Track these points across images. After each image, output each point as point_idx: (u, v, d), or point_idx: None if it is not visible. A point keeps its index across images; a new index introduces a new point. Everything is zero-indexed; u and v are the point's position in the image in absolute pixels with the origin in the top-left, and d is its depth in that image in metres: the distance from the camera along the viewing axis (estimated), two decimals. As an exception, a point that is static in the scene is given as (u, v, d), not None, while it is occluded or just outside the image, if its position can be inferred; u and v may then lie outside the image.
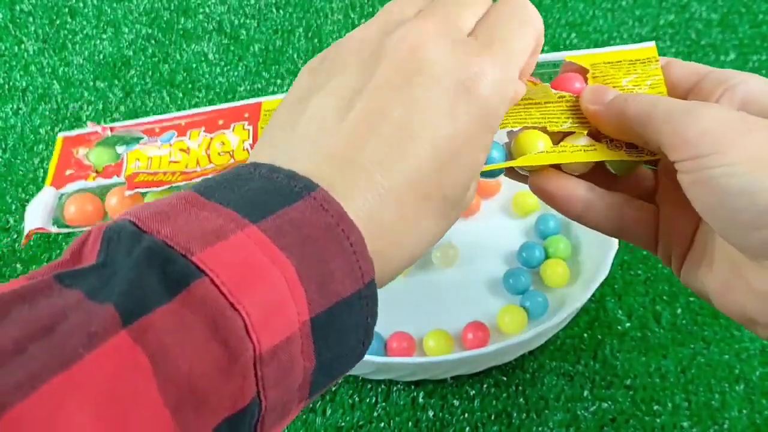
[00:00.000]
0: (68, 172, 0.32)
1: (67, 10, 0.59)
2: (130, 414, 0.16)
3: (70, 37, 0.57)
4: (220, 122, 0.32)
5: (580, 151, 0.28)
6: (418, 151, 0.22)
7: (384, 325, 0.40)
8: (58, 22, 0.58)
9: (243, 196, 0.20)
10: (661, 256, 0.29)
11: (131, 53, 0.56)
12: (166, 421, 0.16)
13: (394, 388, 0.39)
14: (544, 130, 0.28)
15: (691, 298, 0.42)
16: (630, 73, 0.29)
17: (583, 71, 0.29)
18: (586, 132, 0.28)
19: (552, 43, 0.56)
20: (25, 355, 0.16)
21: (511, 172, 0.30)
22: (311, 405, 0.38)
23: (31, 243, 0.45)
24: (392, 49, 0.23)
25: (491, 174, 0.30)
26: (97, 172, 0.32)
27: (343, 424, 0.38)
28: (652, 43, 0.29)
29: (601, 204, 0.28)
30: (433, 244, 0.24)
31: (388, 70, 0.22)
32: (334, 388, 0.39)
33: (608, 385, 0.39)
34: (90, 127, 0.32)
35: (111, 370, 0.16)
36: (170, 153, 0.32)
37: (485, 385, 0.39)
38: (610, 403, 0.38)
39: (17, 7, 0.59)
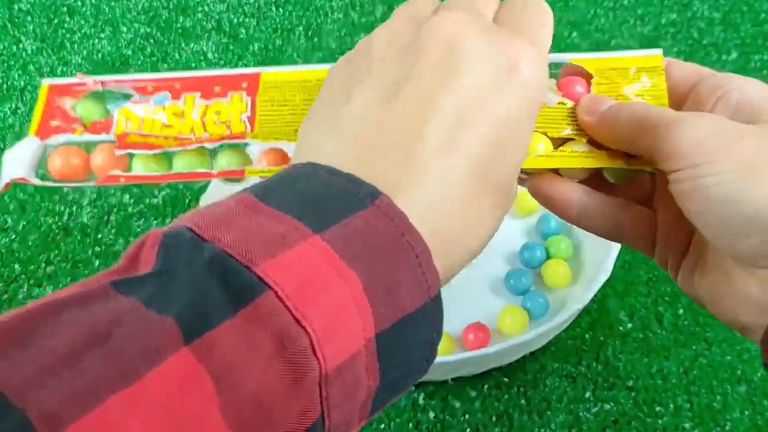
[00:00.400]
0: (53, 123, 0.30)
1: (65, 9, 0.58)
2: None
3: (68, 36, 0.57)
4: (217, 89, 0.31)
5: (579, 157, 0.28)
6: (475, 136, 0.21)
7: (384, 326, 0.40)
8: (56, 21, 0.58)
9: (304, 201, 0.19)
10: (658, 260, 0.29)
11: (130, 52, 0.56)
12: None
13: (395, 390, 0.39)
14: (544, 135, 0.28)
15: (693, 299, 0.42)
16: (634, 81, 0.29)
17: (587, 76, 0.29)
18: (586, 140, 0.28)
19: (553, 42, 0.56)
20: (81, 365, 0.15)
21: None
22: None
23: (29, 243, 0.45)
24: (428, 39, 0.22)
25: None
26: (84, 126, 0.30)
27: (343, 425, 0.38)
28: (659, 51, 0.29)
29: (598, 208, 0.28)
30: (491, 237, 0.23)
31: (429, 59, 0.22)
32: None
33: (610, 387, 0.39)
34: (79, 78, 0.30)
35: (173, 389, 0.15)
36: (164, 117, 0.30)
37: (486, 387, 0.39)
38: (612, 404, 0.38)
39: (15, 6, 0.59)
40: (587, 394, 0.38)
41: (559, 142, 0.28)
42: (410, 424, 0.38)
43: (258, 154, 0.30)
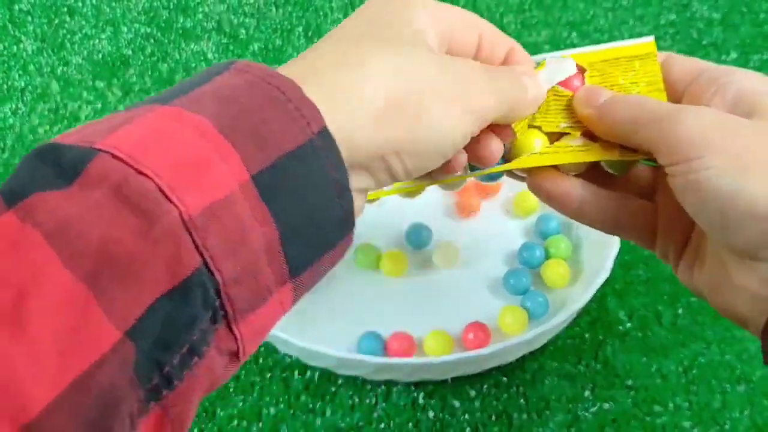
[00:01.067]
0: None
1: (65, 9, 0.59)
2: (28, 290, 0.15)
3: (68, 36, 0.57)
4: None
5: (574, 151, 0.28)
6: (419, 134, 0.22)
7: (384, 325, 0.40)
8: (56, 21, 0.58)
9: (168, 90, 0.19)
10: (658, 253, 0.29)
11: (130, 52, 0.56)
12: (79, 293, 0.15)
13: (394, 389, 0.39)
14: (539, 130, 0.29)
15: (692, 299, 0.42)
16: (628, 70, 0.29)
17: (581, 69, 0.29)
18: (580, 133, 0.28)
19: (553, 42, 0.56)
20: None
21: (511, 173, 0.30)
22: (311, 405, 0.38)
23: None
24: None
25: (491, 177, 0.30)
26: None
27: (343, 424, 0.38)
28: (651, 38, 0.29)
29: (597, 202, 0.28)
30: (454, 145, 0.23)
31: None
32: (334, 389, 0.39)
33: (609, 386, 0.39)
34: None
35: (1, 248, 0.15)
36: None
37: (486, 386, 0.39)
38: (611, 403, 0.38)
39: (16, 7, 0.59)
40: (586, 394, 0.38)
41: (555, 137, 0.29)
42: (410, 424, 0.38)
43: None
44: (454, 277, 0.43)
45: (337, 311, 0.41)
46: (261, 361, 0.40)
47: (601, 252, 0.40)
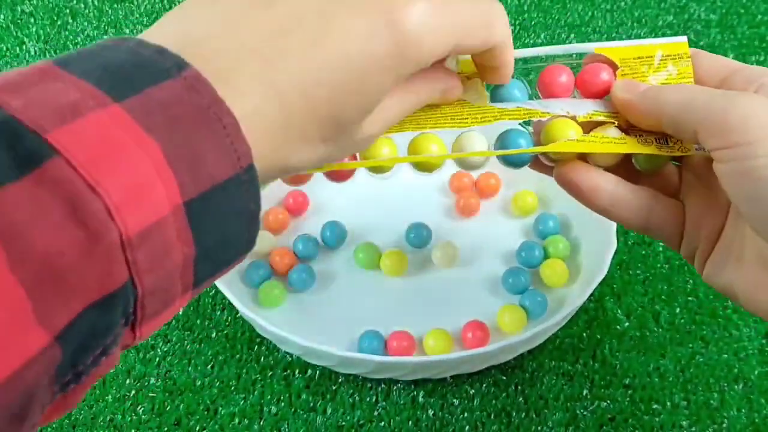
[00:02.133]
0: None
1: (68, 11, 0.59)
2: None
3: (71, 38, 0.57)
4: None
5: (610, 142, 0.27)
6: (319, 58, 0.21)
7: (384, 325, 0.40)
8: (59, 23, 0.58)
9: (105, 70, 0.18)
10: (683, 253, 0.28)
11: (132, 54, 0.56)
12: (20, 298, 0.16)
13: (394, 388, 0.39)
14: (573, 120, 0.28)
15: (690, 298, 0.42)
16: (660, 69, 0.28)
17: (612, 64, 0.29)
18: (615, 123, 0.28)
19: (551, 44, 0.56)
20: None
21: (536, 164, 0.30)
22: (312, 404, 0.39)
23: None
24: None
25: (517, 160, 0.29)
26: None
27: (343, 423, 0.38)
28: (684, 38, 0.28)
29: (629, 198, 0.27)
30: (305, 167, 0.23)
31: None
32: (334, 387, 0.39)
33: (607, 385, 0.39)
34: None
35: None
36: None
37: (485, 385, 0.39)
38: (609, 402, 0.38)
39: (18, 8, 0.59)
40: (584, 392, 0.39)
41: (587, 128, 0.28)
42: (409, 422, 0.38)
43: None
44: (453, 276, 0.43)
45: (337, 311, 0.42)
46: (262, 359, 0.40)
47: (599, 252, 0.40)
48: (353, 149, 0.25)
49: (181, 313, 0.42)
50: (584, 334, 0.41)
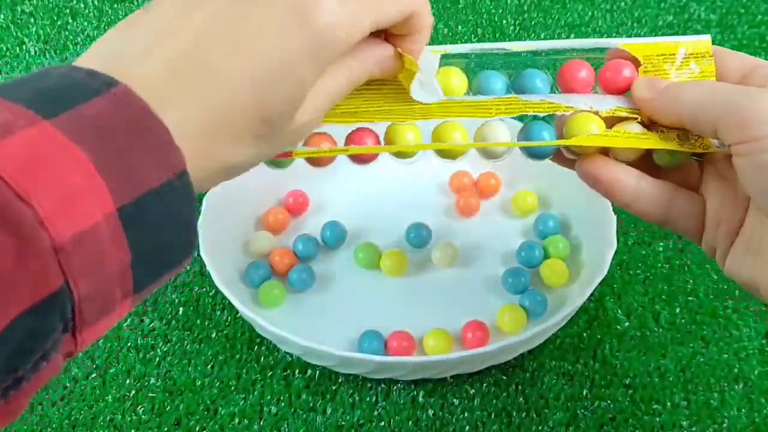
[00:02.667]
0: None
1: (68, 11, 0.59)
2: None
3: (71, 38, 0.57)
4: None
5: (632, 138, 0.28)
6: (239, 61, 0.22)
7: (384, 325, 0.40)
8: (59, 23, 0.58)
9: (38, 93, 0.19)
10: (704, 246, 0.29)
11: (132, 54, 0.56)
12: None
13: (394, 387, 0.39)
14: (596, 115, 0.29)
15: (690, 298, 0.42)
16: (682, 67, 0.29)
17: (634, 61, 0.29)
18: (638, 119, 0.28)
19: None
20: None
21: (558, 157, 0.30)
22: (312, 404, 0.38)
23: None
24: None
25: (540, 152, 0.30)
26: None
27: (343, 422, 0.38)
28: (708, 37, 0.29)
29: (650, 193, 0.28)
30: (247, 164, 0.24)
31: None
32: (334, 387, 0.39)
33: (607, 385, 0.39)
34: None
35: None
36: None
37: (485, 384, 0.39)
38: (609, 402, 0.38)
39: (18, 8, 0.59)
40: (585, 392, 0.39)
41: (609, 124, 0.29)
42: (410, 422, 0.38)
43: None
44: (453, 276, 0.43)
45: (337, 311, 0.42)
46: (262, 359, 0.40)
47: (599, 251, 0.40)
48: (291, 139, 0.25)
49: (181, 312, 0.42)
50: (584, 334, 0.41)
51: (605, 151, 0.29)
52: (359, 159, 0.31)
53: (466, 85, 0.30)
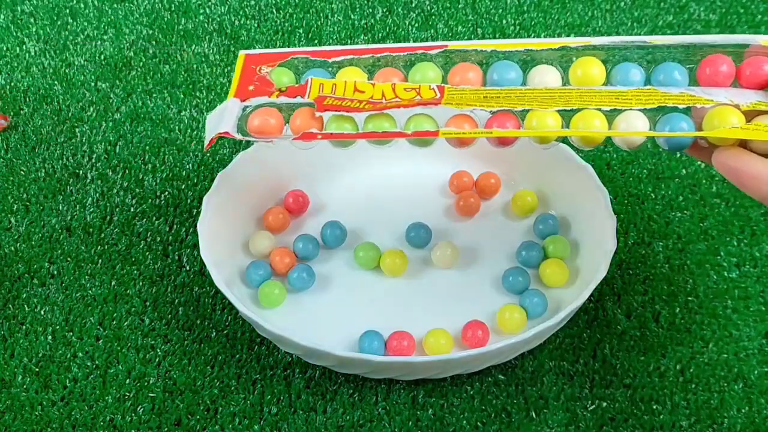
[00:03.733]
0: (251, 87, 0.34)
1: (68, 11, 0.59)
2: None
3: (71, 38, 0.57)
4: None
5: None
6: None
7: (384, 325, 0.40)
8: (59, 23, 0.58)
9: None
10: None
11: (132, 54, 0.56)
12: None
13: (395, 387, 0.39)
14: (737, 108, 0.30)
15: (690, 298, 0.42)
16: None
17: None
18: None
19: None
20: None
21: (695, 148, 0.31)
22: (312, 404, 0.39)
23: (32, 242, 0.46)
24: None
25: (679, 143, 0.30)
26: (280, 90, 0.34)
27: (343, 423, 0.38)
28: None
29: None
30: None
31: None
32: (334, 387, 0.39)
33: (607, 385, 0.39)
34: (271, 50, 0.34)
35: None
36: (355, 83, 0.33)
37: (485, 384, 0.39)
38: (609, 402, 0.38)
39: (18, 9, 0.59)
40: (584, 392, 0.39)
41: (749, 117, 0.29)
42: (410, 422, 0.38)
43: (446, 119, 0.33)
44: (453, 276, 0.43)
45: (337, 311, 0.42)
46: (262, 359, 0.40)
47: (599, 252, 0.40)
48: None
49: (181, 312, 0.42)
50: (584, 334, 0.41)
51: (743, 143, 0.29)
52: (502, 142, 0.33)
53: (604, 76, 0.31)
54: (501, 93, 0.32)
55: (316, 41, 0.57)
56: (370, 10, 0.58)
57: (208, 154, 0.49)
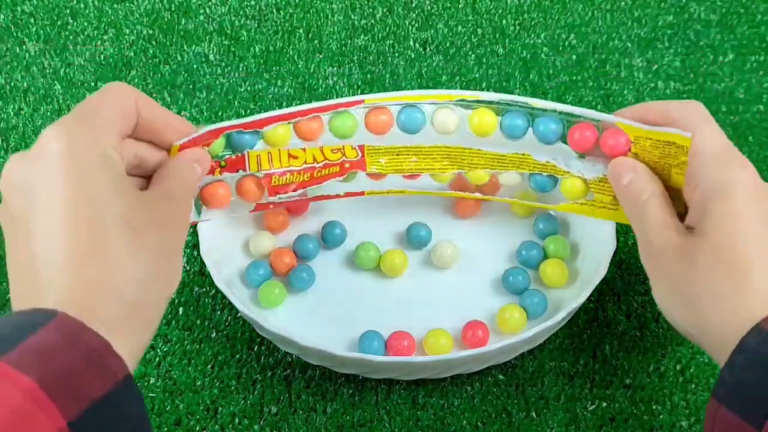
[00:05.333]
0: None
1: (68, 11, 0.59)
2: None
3: (71, 38, 0.57)
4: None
5: (604, 208, 0.38)
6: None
7: (384, 325, 0.40)
8: (59, 23, 0.58)
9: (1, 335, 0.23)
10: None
11: (132, 54, 0.56)
12: None
13: (395, 387, 0.39)
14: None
15: (690, 298, 0.42)
16: (665, 153, 0.34)
17: (628, 139, 0.36)
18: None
19: (551, 44, 0.56)
20: None
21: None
22: (312, 404, 0.39)
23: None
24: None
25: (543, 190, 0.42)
26: (221, 166, 0.38)
27: (343, 423, 0.38)
28: (690, 134, 0.33)
29: None
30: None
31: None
32: (334, 387, 0.39)
33: (607, 385, 0.39)
34: (201, 130, 0.36)
35: None
36: (288, 152, 0.39)
37: (485, 385, 0.39)
38: (609, 402, 0.38)
39: (18, 8, 0.59)
40: (585, 392, 0.39)
41: (597, 188, 0.39)
42: (410, 422, 0.38)
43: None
44: (453, 276, 0.43)
45: (337, 311, 0.42)
46: (262, 359, 0.40)
47: (599, 252, 0.40)
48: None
49: (181, 312, 0.42)
50: (584, 334, 0.41)
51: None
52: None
53: (496, 123, 0.38)
54: (410, 150, 0.40)
55: (316, 41, 0.57)
56: (370, 10, 0.58)
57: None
